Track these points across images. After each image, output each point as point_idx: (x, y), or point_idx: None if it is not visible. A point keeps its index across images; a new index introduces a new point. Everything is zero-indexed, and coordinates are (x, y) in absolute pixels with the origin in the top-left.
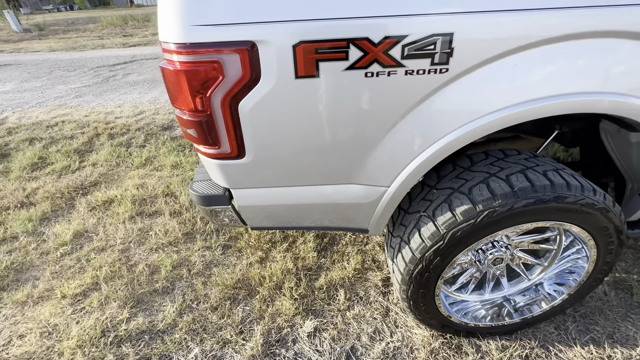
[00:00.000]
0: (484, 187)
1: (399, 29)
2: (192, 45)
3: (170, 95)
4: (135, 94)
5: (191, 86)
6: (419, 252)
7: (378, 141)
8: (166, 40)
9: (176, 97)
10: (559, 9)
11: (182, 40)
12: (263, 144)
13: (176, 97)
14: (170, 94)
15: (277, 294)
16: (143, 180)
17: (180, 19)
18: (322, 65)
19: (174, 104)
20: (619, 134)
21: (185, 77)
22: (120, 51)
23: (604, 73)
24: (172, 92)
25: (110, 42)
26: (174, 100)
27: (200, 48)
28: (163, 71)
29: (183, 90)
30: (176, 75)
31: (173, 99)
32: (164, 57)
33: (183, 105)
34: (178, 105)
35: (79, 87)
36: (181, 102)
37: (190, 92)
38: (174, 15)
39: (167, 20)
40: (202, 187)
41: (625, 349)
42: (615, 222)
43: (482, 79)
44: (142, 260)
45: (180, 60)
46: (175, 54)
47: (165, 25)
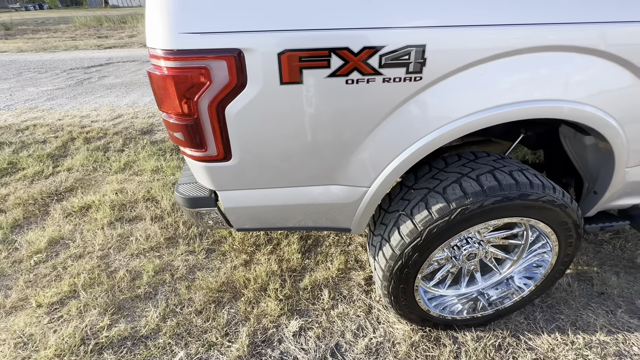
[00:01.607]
0: (457, 186)
1: (376, 40)
2: (180, 52)
3: (157, 99)
4: (112, 97)
5: (178, 91)
6: (398, 248)
7: (358, 144)
8: (154, 46)
9: (163, 101)
10: (520, 25)
11: (171, 47)
12: (249, 147)
13: (163, 101)
14: (157, 98)
15: (262, 296)
16: (122, 185)
17: (168, 26)
18: (306, 72)
19: (160, 108)
20: (576, 137)
21: (173, 82)
22: (95, 53)
23: (562, 83)
24: (159, 96)
25: (84, 43)
26: (161, 104)
27: (188, 54)
28: (150, 76)
29: (170, 95)
30: (163, 80)
31: (160, 103)
32: (151, 62)
33: (170, 109)
34: (165, 109)
35: (51, 90)
36: (168, 106)
37: (178, 96)
38: (163, 22)
39: (155, 27)
40: (187, 189)
41: (587, 334)
42: (573, 217)
43: (453, 87)
44: (123, 266)
45: (168, 66)
46: (163, 60)
47: (154, 32)
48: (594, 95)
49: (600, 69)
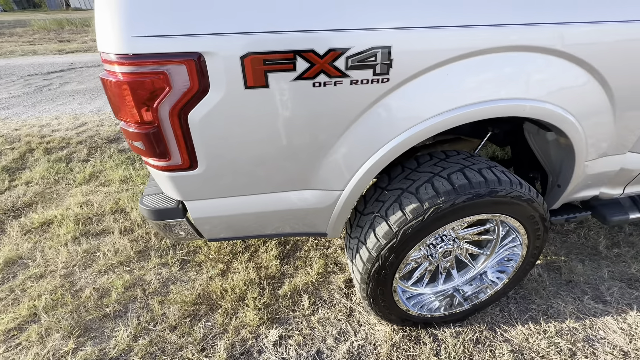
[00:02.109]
0: (429, 186)
1: (342, 42)
2: (135, 56)
3: (113, 107)
4: (76, 105)
5: (136, 98)
6: (375, 251)
7: (329, 147)
8: (106, 50)
9: (120, 109)
10: (482, 26)
11: (125, 51)
12: (216, 154)
13: (120, 109)
14: (113, 106)
15: (241, 306)
16: (87, 198)
17: (120, 29)
18: (271, 75)
19: (117, 116)
20: (539, 134)
21: (129, 89)
22: (56, 58)
23: (523, 82)
24: (115, 104)
25: (44, 48)
26: (118, 113)
27: (144, 59)
28: (104, 83)
29: (127, 102)
30: (119, 86)
31: (116, 111)
32: (104, 68)
33: (128, 117)
34: (122, 117)
35: (6, 98)
36: (126, 114)
37: (135, 103)
38: (114, 25)
39: (106, 30)
40: (153, 200)
41: (557, 322)
42: (540, 210)
43: (420, 88)
44: (89, 284)
45: (123, 72)
46: (117, 65)
47: (105, 35)
48: (553, 93)
49: (558, 68)
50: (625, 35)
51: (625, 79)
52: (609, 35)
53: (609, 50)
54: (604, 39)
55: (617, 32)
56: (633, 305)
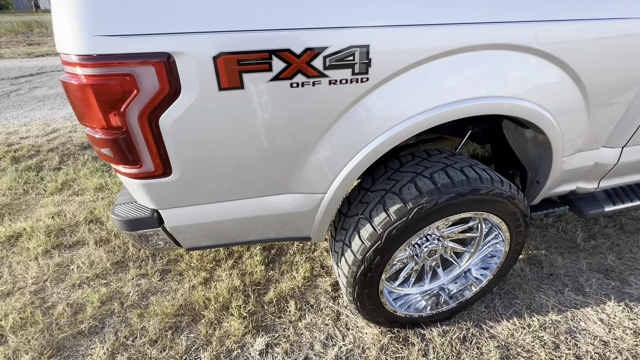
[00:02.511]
0: (412, 186)
1: (319, 41)
2: (99, 57)
3: (76, 112)
4: (46, 110)
5: (101, 101)
6: (360, 253)
7: (310, 149)
8: (66, 51)
9: (84, 114)
10: (460, 24)
11: (87, 51)
12: (191, 160)
13: (84, 114)
14: (76, 110)
15: (225, 315)
16: (60, 208)
17: (80, 29)
18: (246, 76)
19: (82, 122)
20: (517, 131)
21: (93, 92)
22: (24, 62)
23: (501, 80)
24: (78, 108)
25: (11, 51)
26: (82, 118)
27: (108, 60)
28: (66, 86)
29: (92, 107)
30: (82, 90)
31: (81, 117)
32: (65, 70)
33: (94, 123)
34: (88, 123)
35: None
36: (91, 120)
37: (101, 108)
38: (73, 25)
39: (65, 30)
40: (125, 210)
41: (541, 315)
42: (521, 207)
43: (400, 87)
44: (62, 299)
45: (86, 74)
46: (79, 67)
47: (64, 35)
48: (529, 91)
49: (534, 65)
50: (597, 33)
51: (598, 76)
52: (582, 34)
53: (582, 48)
54: (578, 37)
55: (590, 30)
56: (610, 295)
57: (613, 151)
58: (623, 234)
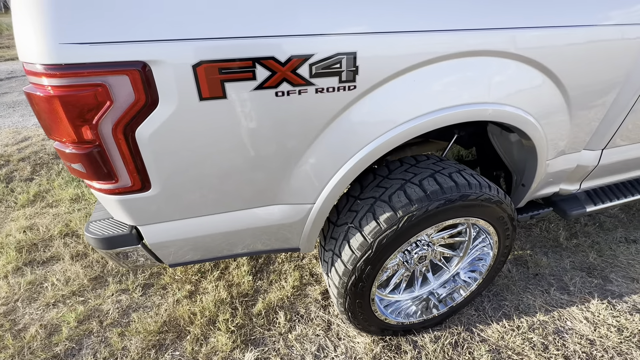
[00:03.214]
0: (402, 193)
1: (304, 48)
2: (67, 67)
3: (43, 125)
4: (17, 117)
5: (70, 114)
6: (350, 263)
7: (297, 159)
8: (30, 60)
9: (52, 128)
10: (444, 31)
11: (53, 61)
12: (171, 173)
13: (52, 128)
14: (43, 124)
15: (211, 330)
16: (32, 221)
17: (45, 35)
18: (229, 85)
19: (50, 136)
20: (502, 135)
21: (61, 104)
22: None
23: (485, 86)
24: (46, 121)
25: None
26: (50, 132)
27: (78, 70)
28: (30, 97)
29: (60, 119)
30: (49, 102)
31: (48, 130)
32: (29, 81)
33: (63, 137)
34: (56, 137)
35: None
36: (60, 133)
37: (70, 120)
38: (37, 31)
39: (28, 37)
40: (101, 227)
41: (529, 317)
42: (508, 211)
43: (388, 95)
44: (35, 320)
45: (53, 85)
46: (45, 77)
47: (27, 43)
48: (512, 96)
49: (515, 70)
50: (576, 38)
51: (578, 80)
52: (562, 39)
53: (562, 52)
54: (558, 42)
55: (569, 35)
56: (594, 293)
57: (594, 153)
58: (602, 231)
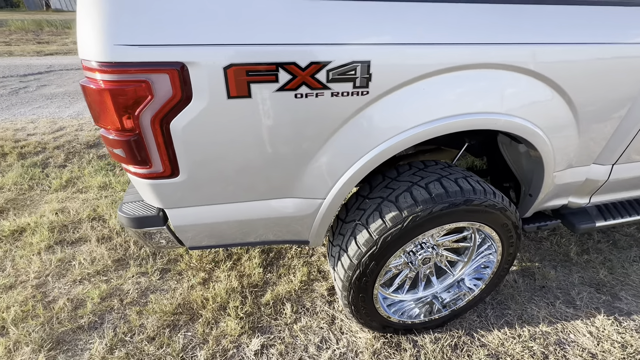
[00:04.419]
0: (408, 195)
1: (323, 56)
2: (117, 65)
3: (93, 114)
4: (53, 108)
5: (117, 105)
6: (355, 258)
7: (311, 156)
8: (88, 58)
9: (100, 116)
10: (456, 44)
11: (107, 59)
12: (198, 162)
13: (100, 116)
14: (93, 113)
15: (222, 315)
16: (63, 205)
17: (103, 38)
18: (254, 86)
19: (97, 123)
20: (511, 145)
21: (111, 96)
22: (33, 60)
23: (496, 98)
24: (95, 111)
25: (21, 49)
26: (98, 119)
27: (126, 67)
28: (85, 89)
29: (108, 110)
30: (100, 94)
31: (96, 118)
32: (85, 75)
33: (108, 125)
34: (102, 124)
35: None
36: (106, 121)
37: (117, 111)
38: (96, 34)
39: (88, 38)
40: (132, 208)
41: (531, 326)
42: (512, 219)
43: (399, 101)
44: (63, 294)
45: (105, 79)
46: (99, 73)
47: (86, 43)
48: (522, 108)
49: (526, 85)
50: (586, 56)
51: (587, 96)
52: (571, 56)
53: (571, 69)
54: (567, 59)
55: (579, 53)
56: (600, 309)
57: (604, 168)
58: (616, 249)
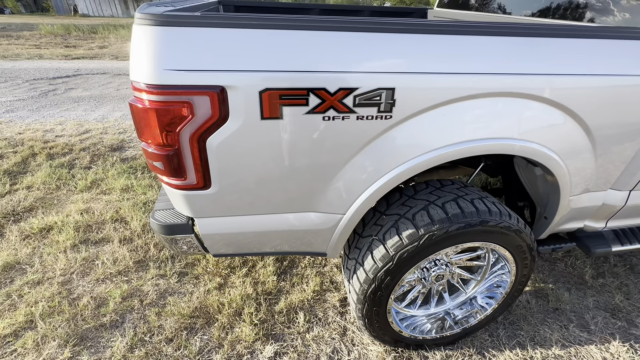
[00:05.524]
0: (425, 213)
1: (351, 82)
2: (164, 87)
3: (137, 129)
4: (80, 111)
5: (161, 123)
6: (371, 272)
7: (335, 174)
8: (138, 80)
9: (144, 132)
10: (475, 74)
11: (156, 82)
12: (229, 176)
13: (144, 132)
14: (137, 128)
15: (237, 321)
16: (88, 205)
17: (154, 63)
18: (285, 109)
19: (140, 137)
20: (527, 167)
21: (156, 115)
22: (61, 63)
23: (513, 124)
24: (140, 127)
25: (50, 52)
26: (141, 134)
27: (172, 89)
28: (132, 107)
29: (152, 126)
30: (145, 112)
31: (140, 133)
32: (133, 95)
33: (150, 139)
34: (145, 139)
35: (11, 101)
36: (148, 136)
37: (160, 128)
38: (149, 58)
39: (140, 62)
40: (164, 216)
41: (544, 349)
42: (527, 241)
43: (420, 125)
44: (87, 292)
45: (151, 100)
46: (146, 93)
47: (139, 66)
48: (538, 134)
49: (542, 112)
50: (602, 86)
51: (604, 124)
52: (588, 86)
53: (588, 98)
54: (584, 88)
55: (595, 83)
56: (616, 335)
57: (621, 194)
58: (633, 274)
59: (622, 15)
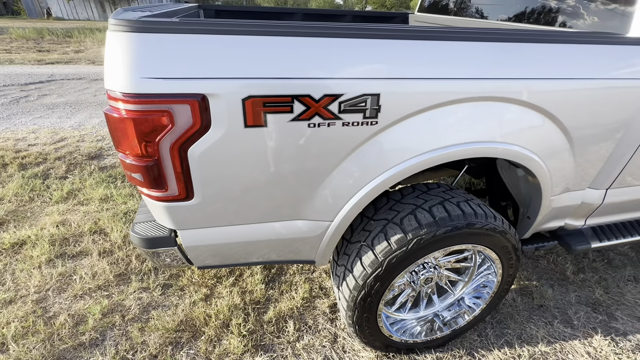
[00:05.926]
0: (412, 217)
1: (336, 89)
2: (142, 95)
3: (114, 139)
4: (55, 118)
5: (139, 133)
6: (361, 279)
7: (321, 181)
8: (113, 88)
9: (121, 142)
10: (458, 79)
11: (133, 91)
12: (212, 187)
13: (121, 142)
14: (114, 138)
15: (224, 333)
16: (64, 217)
17: (130, 71)
18: (270, 116)
19: (117, 148)
20: (510, 169)
21: (134, 125)
22: (34, 68)
23: (495, 128)
24: (116, 137)
25: (22, 57)
26: (118, 145)
27: (150, 98)
28: (108, 117)
29: (129, 137)
30: (122, 122)
31: (117, 144)
32: (109, 104)
33: (128, 150)
34: (122, 150)
35: None
36: (126, 147)
37: (138, 138)
38: (125, 66)
39: (116, 70)
40: (145, 228)
41: (530, 346)
42: (512, 241)
43: (405, 131)
44: (64, 310)
45: (127, 109)
46: (122, 102)
47: (114, 74)
48: (519, 137)
49: (523, 115)
50: (578, 89)
51: (581, 125)
52: (565, 89)
53: (566, 101)
54: (561, 91)
55: (572, 86)
56: (597, 329)
57: (598, 192)
58: (611, 268)
59: (592, 19)
